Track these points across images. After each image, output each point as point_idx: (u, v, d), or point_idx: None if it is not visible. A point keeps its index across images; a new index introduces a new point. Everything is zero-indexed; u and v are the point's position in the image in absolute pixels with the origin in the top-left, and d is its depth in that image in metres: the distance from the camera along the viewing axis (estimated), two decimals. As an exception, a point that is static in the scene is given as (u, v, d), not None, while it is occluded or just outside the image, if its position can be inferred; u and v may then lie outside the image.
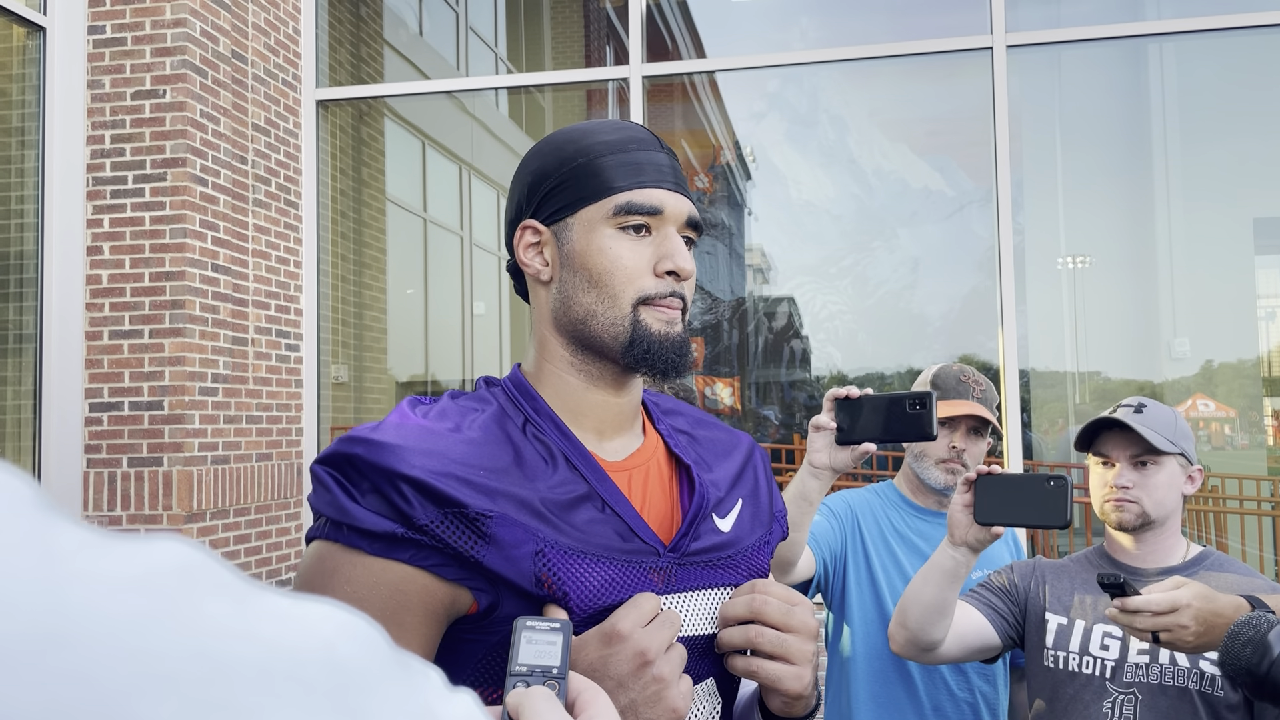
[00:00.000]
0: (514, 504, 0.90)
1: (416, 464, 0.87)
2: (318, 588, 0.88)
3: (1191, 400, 4.58)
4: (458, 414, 0.96)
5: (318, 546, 0.91)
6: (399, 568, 0.87)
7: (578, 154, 1.01)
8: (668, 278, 0.98)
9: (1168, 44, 4.70)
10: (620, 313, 0.97)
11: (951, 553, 1.67)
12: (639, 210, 0.98)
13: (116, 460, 4.06)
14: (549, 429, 0.98)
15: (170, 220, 4.10)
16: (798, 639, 0.95)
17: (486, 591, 0.89)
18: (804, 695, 0.97)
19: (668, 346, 0.98)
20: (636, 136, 1.02)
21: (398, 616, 0.87)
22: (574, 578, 0.90)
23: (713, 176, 5.18)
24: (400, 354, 5.51)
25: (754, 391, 5.04)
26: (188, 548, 0.34)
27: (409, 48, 5.56)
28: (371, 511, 0.87)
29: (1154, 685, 1.71)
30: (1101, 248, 4.79)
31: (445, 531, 0.87)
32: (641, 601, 0.89)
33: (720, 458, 1.10)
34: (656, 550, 0.96)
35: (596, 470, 0.97)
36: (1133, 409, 1.79)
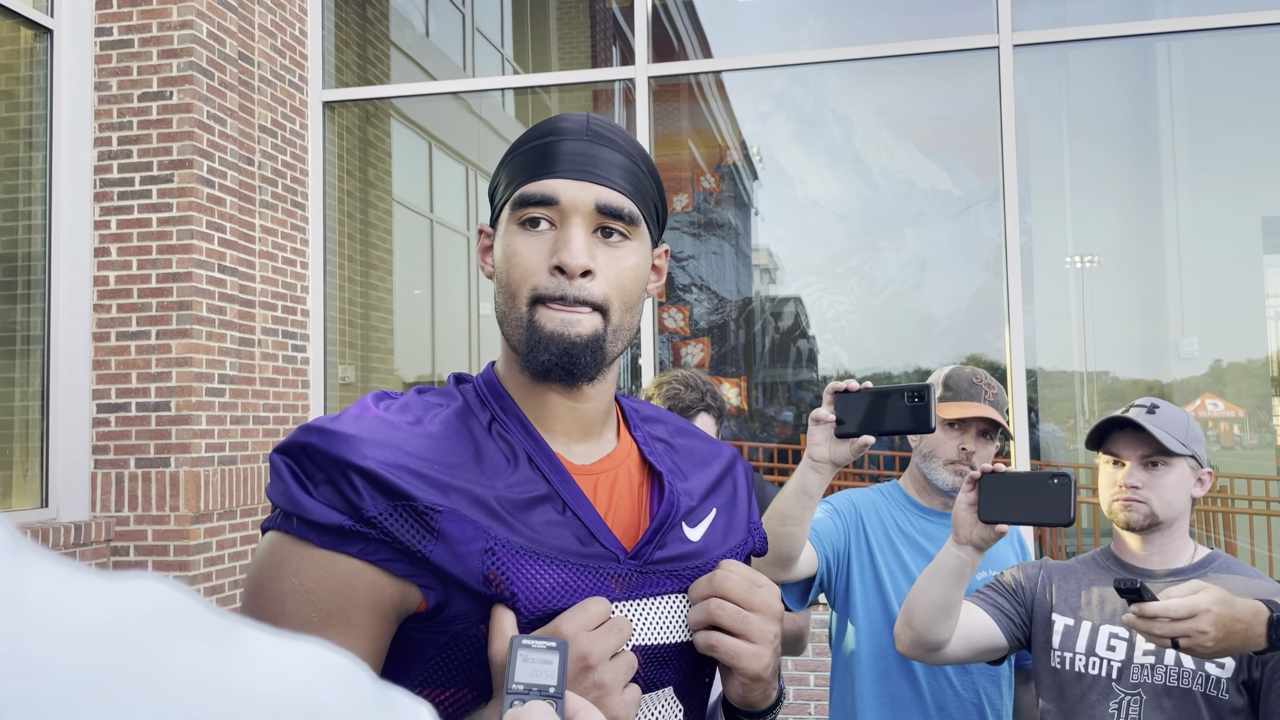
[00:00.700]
0: (466, 500, 0.88)
1: (369, 455, 0.86)
2: (267, 579, 0.87)
3: (1200, 400, 4.56)
4: (420, 408, 0.94)
5: (270, 537, 0.89)
6: (347, 562, 0.85)
7: (507, 155, 0.99)
8: (558, 274, 0.92)
9: (1175, 42, 4.68)
10: (518, 313, 0.94)
11: (956, 552, 1.67)
12: (530, 201, 0.94)
13: (124, 461, 4.07)
14: (515, 428, 0.96)
15: (177, 222, 4.11)
16: (759, 618, 0.93)
17: (435, 589, 0.87)
18: (762, 678, 0.94)
19: (560, 346, 0.92)
20: (558, 127, 0.97)
21: (345, 612, 0.86)
22: (523, 578, 0.88)
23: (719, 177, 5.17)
24: (407, 355, 5.52)
25: (760, 392, 5.04)
26: (163, 587, 0.33)
27: (415, 49, 5.57)
28: (322, 503, 0.86)
29: (1159, 686, 1.71)
30: (1109, 247, 4.78)
31: (394, 525, 0.85)
32: (589, 605, 0.87)
33: (697, 467, 1.07)
34: (616, 556, 0.93)
35: (560, 472, 0.95)
36: (1145, 409, 1.78)
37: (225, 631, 0.33)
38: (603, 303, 0.94)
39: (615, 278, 0.95)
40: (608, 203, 0.94)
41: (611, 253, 0.95)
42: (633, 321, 0.98)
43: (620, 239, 0.96)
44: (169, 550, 4.00)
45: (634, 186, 0.97)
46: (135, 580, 0.32)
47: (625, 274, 0.95)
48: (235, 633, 0.33)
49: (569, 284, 0.92)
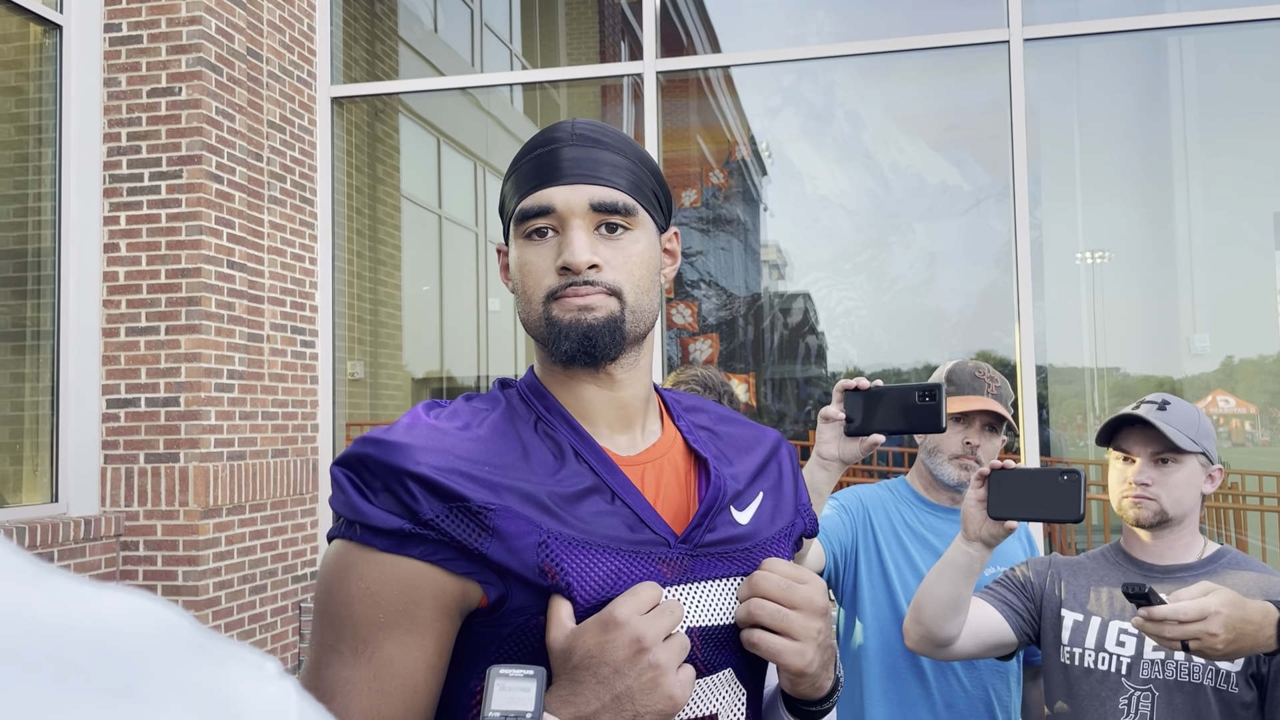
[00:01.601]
0: (518, 497, 0.91)
1: (423, 461, 0.90)
2: (335, 584, 0.92)
3: (1211, 396, 4.54)
4: (468, 414, 0.99)
5: (336, 545, 0.94)
6: (410, 563, 0.90)
7: (507, 172, 1.05)
8: (566, 274, 0.98)
9: (1187, 36, 4.65)
10: (536, 314, 1.00)
11: (965, 548, 1.66)
12: (530, 215, 0.99)
13: (133, 456, 4.09)
14: (560, 425, 1.00)
15: (186, 217, 4.12)
16: (800, 615, 0.95)
17: (495, 585, 0.91)
18: (807, 673, 0.96)
19: (579, 332, 0.97)
20: (547, 138, 1.02)
21: (410, 611, 0.90)
22: (577, 568, 0.91)
23: (728, 172, 5.16)
24: (415, 350, 5.52)
25: (769, 388, 5.03)
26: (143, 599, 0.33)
27: (423, 44, 5.57)
28: (382, 509, 0.90)
29: (1169, 681, 1.70)
30: (1120, 243, 4.75)
31: (450, 525, 0.89)
32: (641, 590, 0.90)
33: (742, 452, 1.10)
34: (667, 541, 0.96)
35: (607, 463, 0.98)
36: (1156, 406, 1.77)
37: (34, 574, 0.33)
38: (614, 287, 0.98)
39: (623, 265, 0.99)
40: (601, 199, 0.98)
41: (615, 244, 0.99)
42: (650, 303, 1.02)
43: (622, 231, 1.00)
44: (178, 545, 4.01)
45: (627, 179, 1.01)
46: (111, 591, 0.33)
47: (632, 261, 1.00)
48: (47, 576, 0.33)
49: (577, 277, 0.98)
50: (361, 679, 0.90)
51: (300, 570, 4.66)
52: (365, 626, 0.90)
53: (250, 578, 4.30)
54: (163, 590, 4.02)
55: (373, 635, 0.90)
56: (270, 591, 4.43)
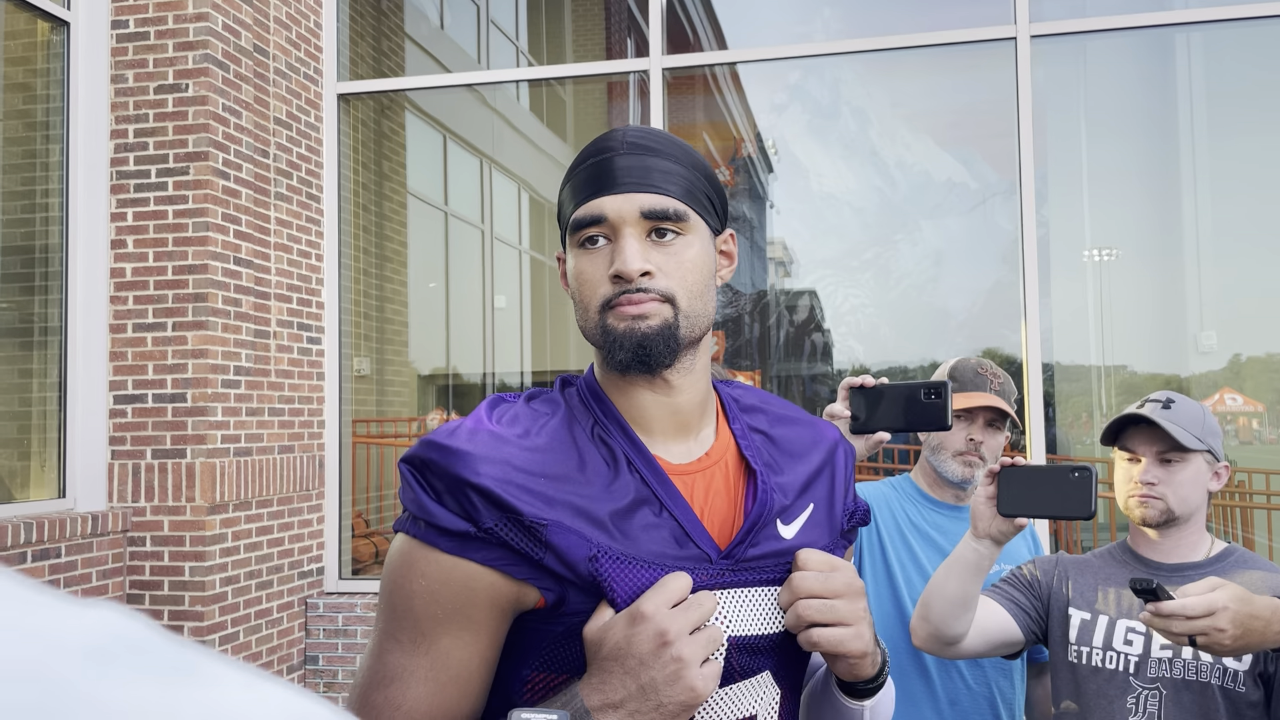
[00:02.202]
0: (570, 512, 0.95)
1: (483, 472, 0.94)
2: (398, 578, 0.97)
3: (1219, 394, 4.53)
4: (529, 419, 1.01)
5: (401, 539, 0.99)
6: (468, 565, 0.95)
7: (562, 185, 1.07)
8: (619, 282, 0.99)
9: (1195, 33, 4.64)
10: (593, 322, 1.01)
11: (975, 545, 1.66)
12: (583, 225, 1.01)
13: (140, 452, 4.10)
14: (615, 432, 1.02)
15: (193, 214, 4.12)
16: (844, 601, 0.99)
17: (553, 589, 0.95)
18: (868, 653, 0.99)
19: (633, 340, 0.98)
20: (600, 147, 1.04)
21: (466, 610, 0.96)
22: (623, 582, 0.95)
23: (734, 169, 5.16)
24: (421, 347, 5.53)
25: (775, 385, 5.03)
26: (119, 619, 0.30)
27: (430, 41, 5.57)
28: (449, 511, 0.95)
29: (1177, 680, 1.70)
30: (1127, 240, 4.74)
31: (508, 535, 0.93)
32: (668, 582, 0.93)
33: (795, 459, 1.10)
34: (710, 556, 0.99)
35: (658, 473, 1.00)
36: (1160, 404, 1.76)
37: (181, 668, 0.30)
38: (667, 294, 0.99)
39: (676, 271, 1.00)
40: (652, 207, 1.00)
41: (668, 250, 1.01)
42: (705, 308, 1.03)
43: (674, 236, 1.01)
44: (185, 541, 4.02)
45: (678, 185, 1.02)
46: (91, 611, 0.30)
47: (685, 266, 1.01)
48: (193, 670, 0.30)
49: (630, 285, 0.99)
50: (419, 668, 0.96)
51: (306, 566, 4.67)
52: (425, 620, 0.95)
53: (257, 573, 4.31)
54: (169, 586, 4.04)
55: (431, 629, 0.95)
56: (276, 587, 4.44)
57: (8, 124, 4.02)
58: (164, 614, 4.04)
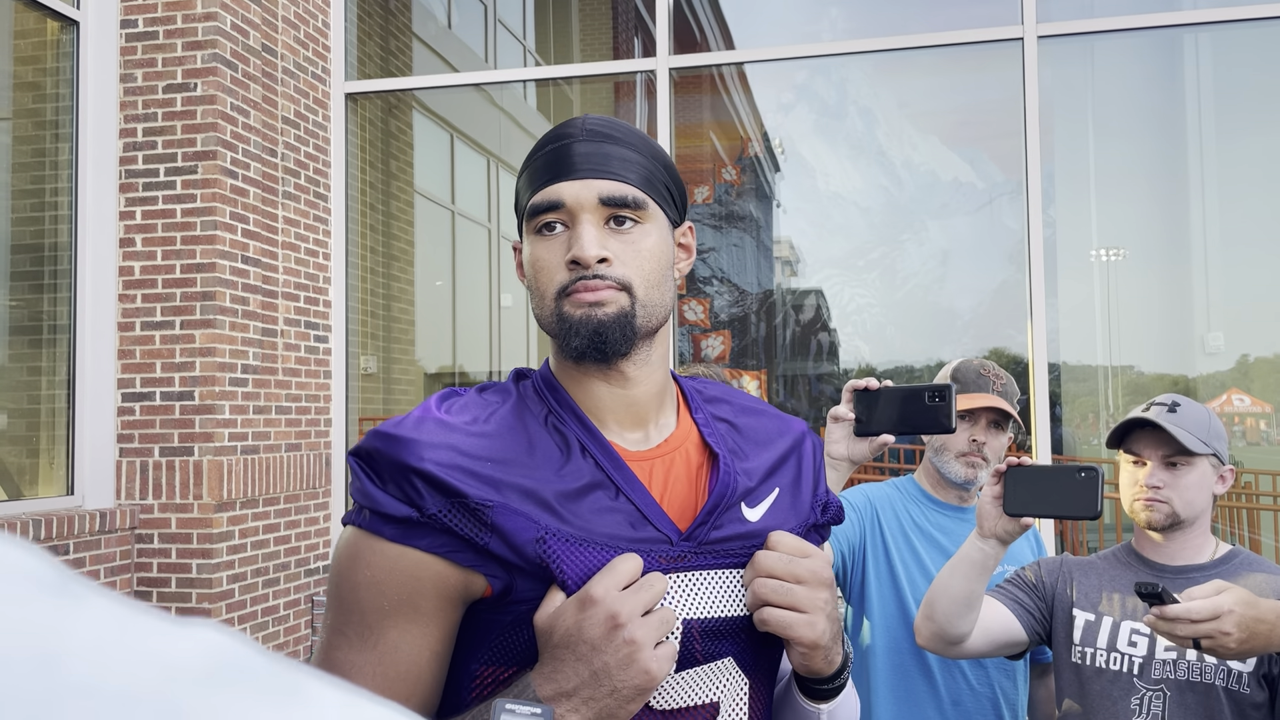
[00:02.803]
0: (518, 494, 0.93)
1: (426, 457, 0.92)
2: (344, 570, 0.95)
3: (1226, 395, 4.52)
4: (478, 407, 1.00)
5: (347, 532, 0.97)
6: (414, 554, 0.92)
7: (520, 170, 1.05)
8: (576, 268, 0.97)
9: (1203, 34, 4.63)
10: (549, 310, 0.99)
11: (980, 545, 1.66)
12: (540, 210, 0.99)
13: (148, 450, 4.11)
14: (569, 419, 1.00)
15: (201, 213, 4.14)
16: (805, 588, 0.96)
17: (500, 576, 0.93)
18: (819, 644, 0.96)
19: (589, 328, 0.96)
20: (558, 133, 1.02)
21: (413, 600, 0.93)
22: (574, 564, 0.92)
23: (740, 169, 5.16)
24: (428, 345, 5.54)
25: (781, 385, 5.03)
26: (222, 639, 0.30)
27: (437, 40, 5.58)
28: (392, 497, 0.93)
29: (1181, 682, 1.70)
30: (1134, 240, 4.73)
31: (452, 520, 0.91)
32: (619, 565, 0.91)
33: (761, 446, 1.08)
34: (669, 539, 0.96)
35: (613, 458, 0.98)
36: (1166, 408, 1.76)
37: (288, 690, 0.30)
38: (624, 281, 0.98)
39: (633, 260, 0.99)
40: (611, 193, 0.98)
41: (626, 238, 0.99)
42: (662, 298, 1.01)
43: (632, 224, 1.00)
44: (192, 538, 4.04)
45: (637, 173, 1.00)
46: (192, 630, 0.30)
47: (643, 255, 0.99)
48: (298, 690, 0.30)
49: (586, 271, 0.97)
50: (367, 663, 0.93)
51: (313, 564, 4.68)
52: (371, 613, 0.93)
53: (263, 571, 4.32)
54: (176, 583, 4.05)
55: (377, 622, 0.93)
56: (283, 585, 4.46)
57: (17, 122, 4.04)
58: (171, 610, 4.06)
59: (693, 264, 1.09)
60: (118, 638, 0.28)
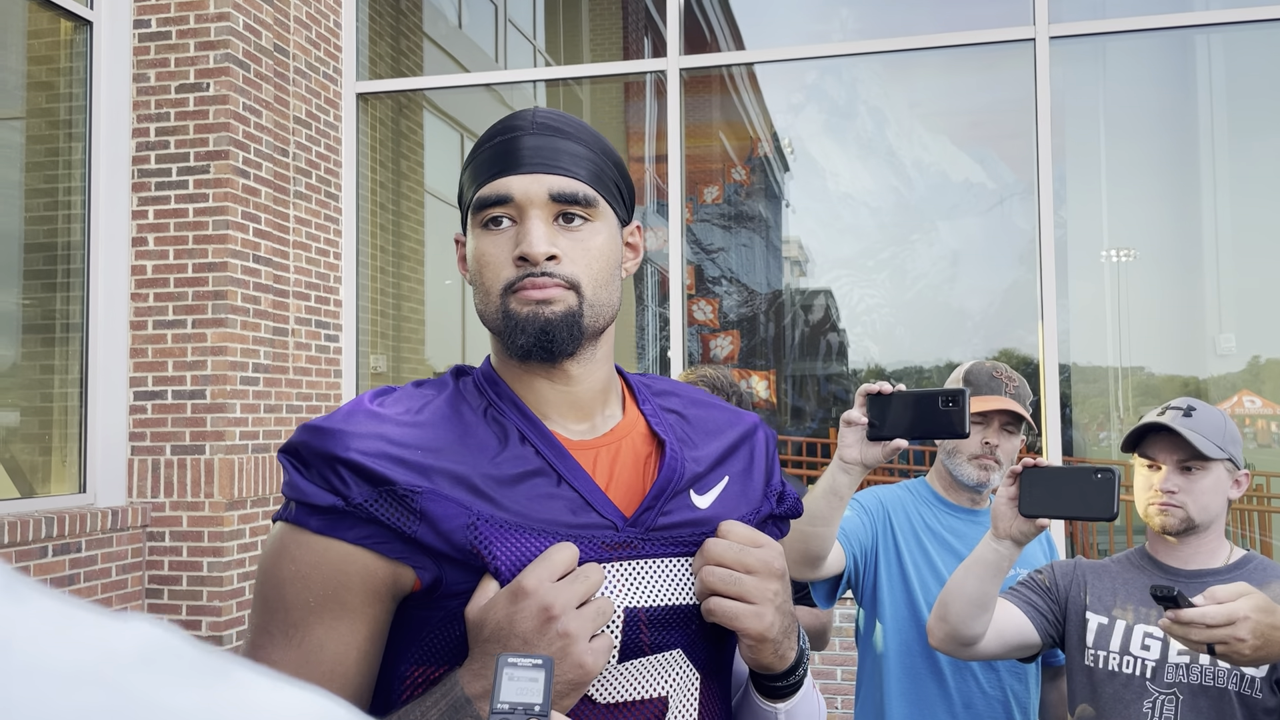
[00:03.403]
0: (448, 480, 0.90)
1: (352, 447, 0.90)
2: (269, 566, 0.93)
3: (1237, 397, 4.51)
4: (411, 399, 0.98)
5: (275, 528, 0.95)
6: (341, 547, 0.90)
7: (466, 163, 1.02)
8: (523, 264, 0.95)
9: (1215, 35, 4.61)
10: (494, 306, 0.97)
11: (995, 546, 1.66)
12: (487, 203, 0.97)
13: (160, 448, 4.13)
14: (509, 411, 0.98)
15: (213, 212, 4.16)
16: (754, 578, 0.93)
17: (428, 568, 0.90)
18: (766, 637, 0.93)
19: (536, 326, 0.94)
20: (507, 125, 1.00)
21: (339, 595, 0.90)
22: (507, 551, 0.89)
23: (750, 169, 5.16)
24: (438, 345, 5.55)
25: (790, 385, 5.03)
26: (155, 630, 0.32)
27: (448, 40, 5.59)
28: (317, 488, 0.90)
29: (1194, 686, 1.69)
30: (1146, 241, 4.72)
31: (379, 510, 0.89)
32: (552, 555, 0.88)
33: (710, 436, 1.06)
34: (614, 524, 0.94)
35: (555, 446, 0.96)
36: (1181, 412, 1.76)
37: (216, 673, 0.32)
38: (572, 280, 0.96)
39: (582, 258, 0.97)
40: (561, 190, 0.96)
41: (574, 236, 0.97)
42: (609, 297, 0.99)
43: (581, 222, 0.98)
44: (203, 536, 4.06)
45: (588, 170, 0.99)
46: (128, 622, 0.32)
47: (592, 254, 0.97)
48: (226, 674, 0.32)
49: (534, 268, 0.95)
50: (290, 662, 0.90)
51: (323, 562, 4.70)
52: (295, 610, 0.90)
53: (274, 569, 4.34)
54: (187, 581, 4.07)
55: (303, 619, 0.90)
56: (293, 583, 4.47)
57: (31, 122, 4.05)
58: (182, 609, 4.07)
59: (639, 263, 1.08)
60: (60, 628, 0.30)
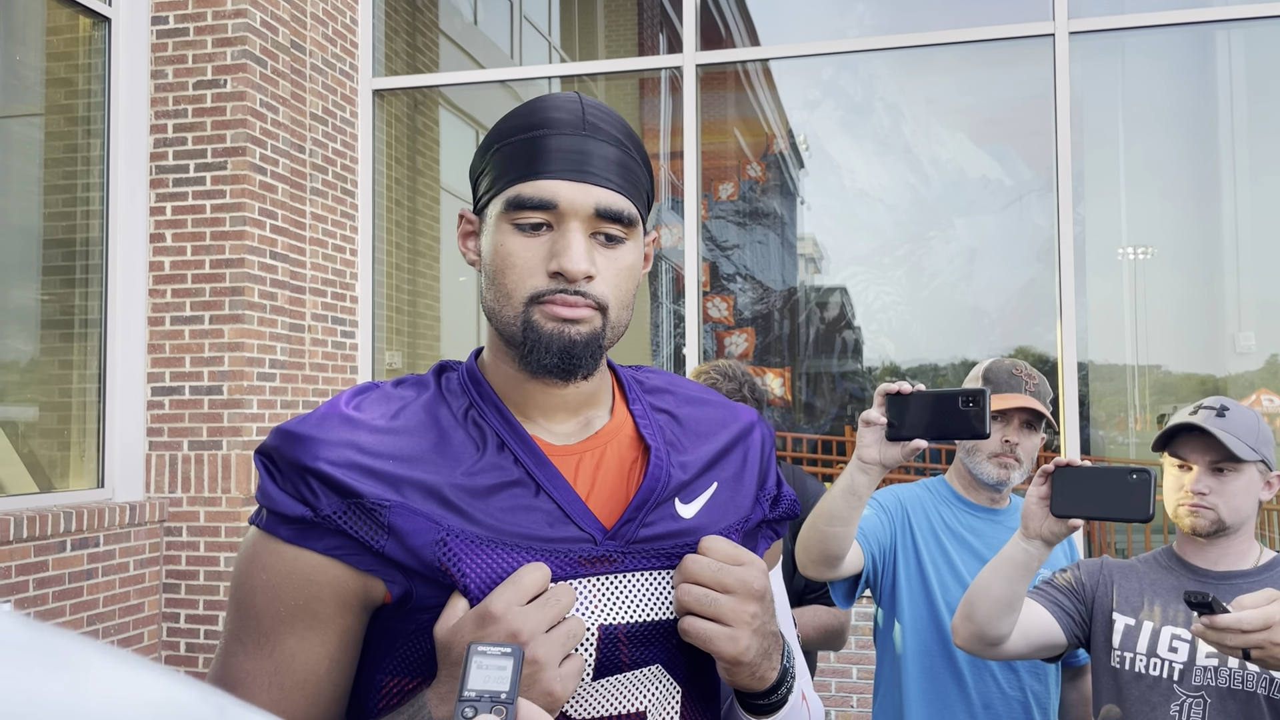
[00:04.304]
0: (419, 492, 0.88)
1: (321, 456, 0.87)
2: (241, 574, 0.91)
3: (1256, 395, 4.48)
4: (389, 402, 0.94)
5: (249, 533, 0.93)
6: (311, 557, 0.88)
7: (493, 142, 0.95)
8: (557, 279, 0.90)
9: (1236, 30, 4.58)
10: (514, 311, 0.92)
11: (1024, 546, 1.64)
12: (528, 205, 0.90)
13: (177, 444, 4.14)
14: (490, 414, 0.95)
15: (230, 208, 4.16)
16: (732, 599, 0.89)
17: (398, 582, 0.88)
18: (742, 660, 0.89)
19: (560, 344, 0.90)
20: (551, 119, 0.92)
21: (310, 606, 0.88)
22: (477, 568, 0.87)
23: (765, 165, 5.14)
24: (452, 341, 5.56)
25: (805, 382, 5.01)
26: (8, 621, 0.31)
27: (463, 37, 5.59)
28: (288, 497, 0.88)
29: (1223, 689, 1.68)
30: (1165, 238, 4.69)
31: (347, 523, 0.87)
32: (522, 576, 0.85)
33: (701, 438, 1.02)
34: (593, 537, 0.91)
35: (535, 454, 0.92)
36: (1215, 412, 1.73)
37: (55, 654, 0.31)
38: (602, 301, 0.92)
39: (613, 278, 0.93)
40: (607, 206, 0.91)
41: (609, 254, 0.93)
42: (627, 317, 0.96)
43: (618, 241, 0.93)
44: (220, 531, 4.07)
45: (629, 182, 0.94)
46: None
47: (622, 274, 0.94)
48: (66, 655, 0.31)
49: (569, 285, 0.91)
50: (263, 672, 0.89)
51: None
52: (267, 619, 0.88)
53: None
54: (204, 575, 4.08)
55: (274, 628, 0.88)
56: (309, 579, 4.48)
57: (50, 118, 4.07)
58: (199, 603, 4.09)
59: (648, 270, 1.03)
60: None
